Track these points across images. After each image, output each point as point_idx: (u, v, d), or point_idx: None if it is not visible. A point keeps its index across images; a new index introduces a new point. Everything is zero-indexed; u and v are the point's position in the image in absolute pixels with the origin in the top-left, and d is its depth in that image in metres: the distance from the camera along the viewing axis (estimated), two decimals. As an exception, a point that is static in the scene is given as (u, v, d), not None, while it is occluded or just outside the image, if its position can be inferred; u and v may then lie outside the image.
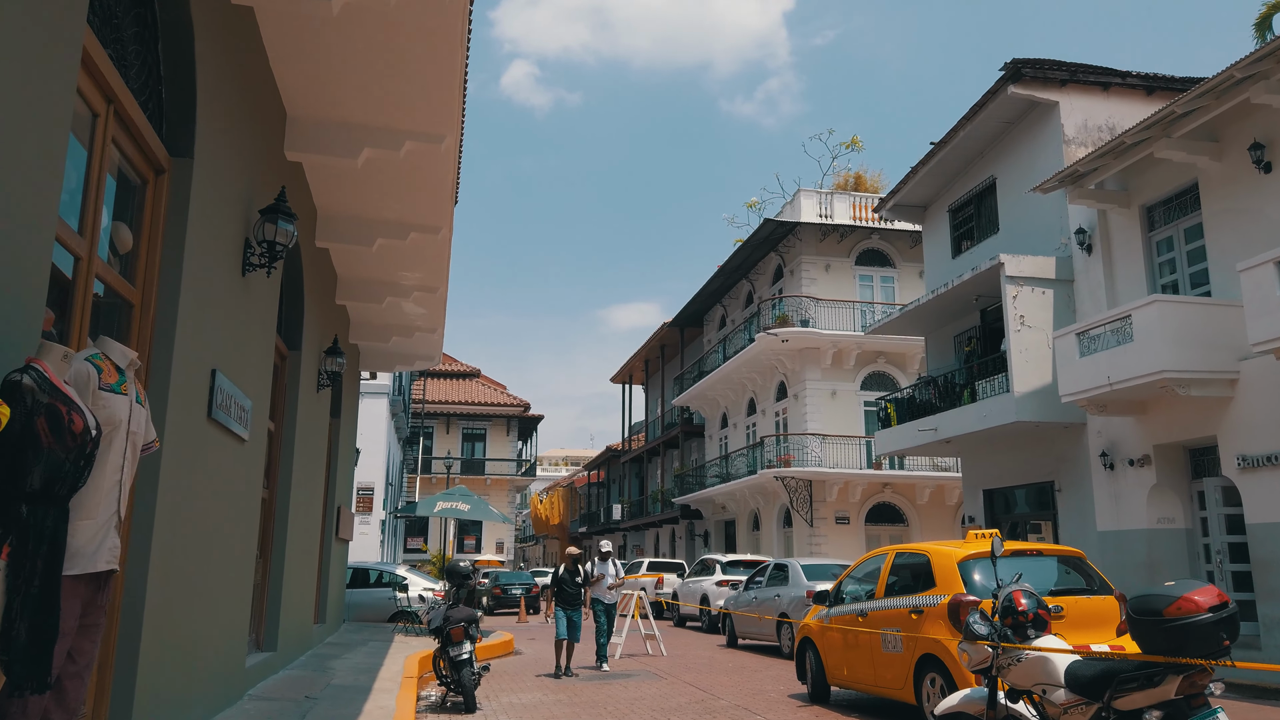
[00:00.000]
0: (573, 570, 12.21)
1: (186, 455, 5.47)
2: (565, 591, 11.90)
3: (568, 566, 12.23)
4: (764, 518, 29.94)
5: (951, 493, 26.89)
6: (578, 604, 11.88)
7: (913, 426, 18.36)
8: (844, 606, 8.55)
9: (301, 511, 10.18)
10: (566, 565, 12.25)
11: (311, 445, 10.72)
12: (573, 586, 12.02)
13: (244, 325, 6.75)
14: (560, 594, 11.83)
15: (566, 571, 12.17)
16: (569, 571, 12.19)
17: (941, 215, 20.26)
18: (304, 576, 10.84)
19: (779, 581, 15.88)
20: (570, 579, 12.08)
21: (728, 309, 35.17)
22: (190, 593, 5.79)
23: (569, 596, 11.88)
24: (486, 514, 16.77)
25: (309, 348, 10.05)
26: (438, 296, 12.84)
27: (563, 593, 11.85)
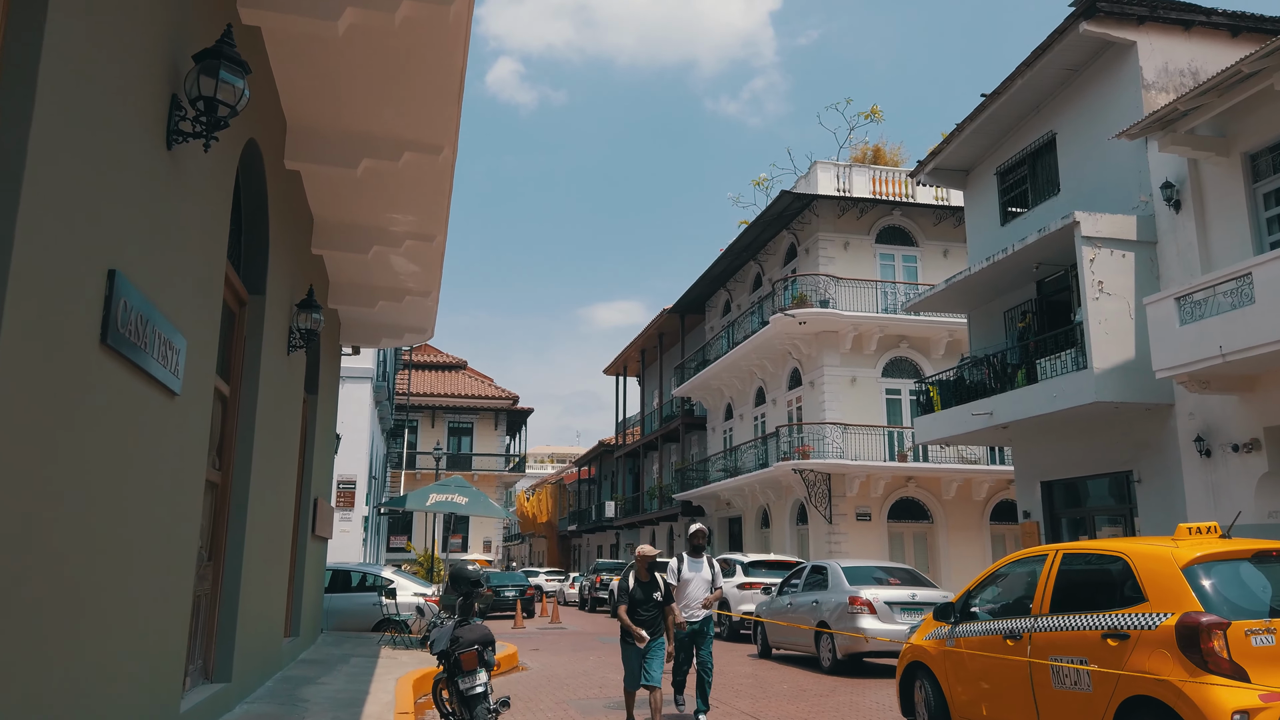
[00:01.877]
0: (648, 581, 8.16)
1: (60, 399, 3.40)
2: (640, 614, 8.07)
3: (640, 575, 8.18)
4: (775, 514, 27.97)
5: (980, 487, 25.04)
6: (658, 629, 8.08)
7: (963, 411, 16.41)
8: (978, 624, 6.55)
9: (267, 501, 8.09)
10: (639, 572, 8.20)
11: (280, 421, 8.63)
12: (650, 606, 8.07)
13: (171, 224, 4.67)
14: (632, 615, 8.07)
15: (639, 583, 8.13)
16: (643, 583, 8.14)
17: (988, 179, 18.33)
18: (271, 582, 8.75)
19: (817, 586, 13.92)
20: (646, 593, 8.10)
21: (733, 293, 33.18)
22: (80, 611, 3.73)
23: (646, 619, 8.04)
24: (487, 508, 14.70)
25: (276, 295, 7.96)
26: (434, 248, 10.76)
27: (635, 614, 8.07)
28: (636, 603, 8.06)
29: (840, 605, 12.62)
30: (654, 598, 8.08)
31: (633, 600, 8.07)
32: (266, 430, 7.86)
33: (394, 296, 12.47)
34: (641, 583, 8.12)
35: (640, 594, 8.09)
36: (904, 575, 13.71)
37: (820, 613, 13.18)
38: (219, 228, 5.68)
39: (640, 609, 8.04)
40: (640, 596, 8.08)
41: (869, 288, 25.51)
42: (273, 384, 8.09)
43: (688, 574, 9.17)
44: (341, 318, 13.87)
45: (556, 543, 67.55)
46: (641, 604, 8.06)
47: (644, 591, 8.10)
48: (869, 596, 12.43)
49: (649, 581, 8.13)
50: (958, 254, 26.74)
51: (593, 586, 32.41)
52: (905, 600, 12.61)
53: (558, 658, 14.57)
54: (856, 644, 12.22)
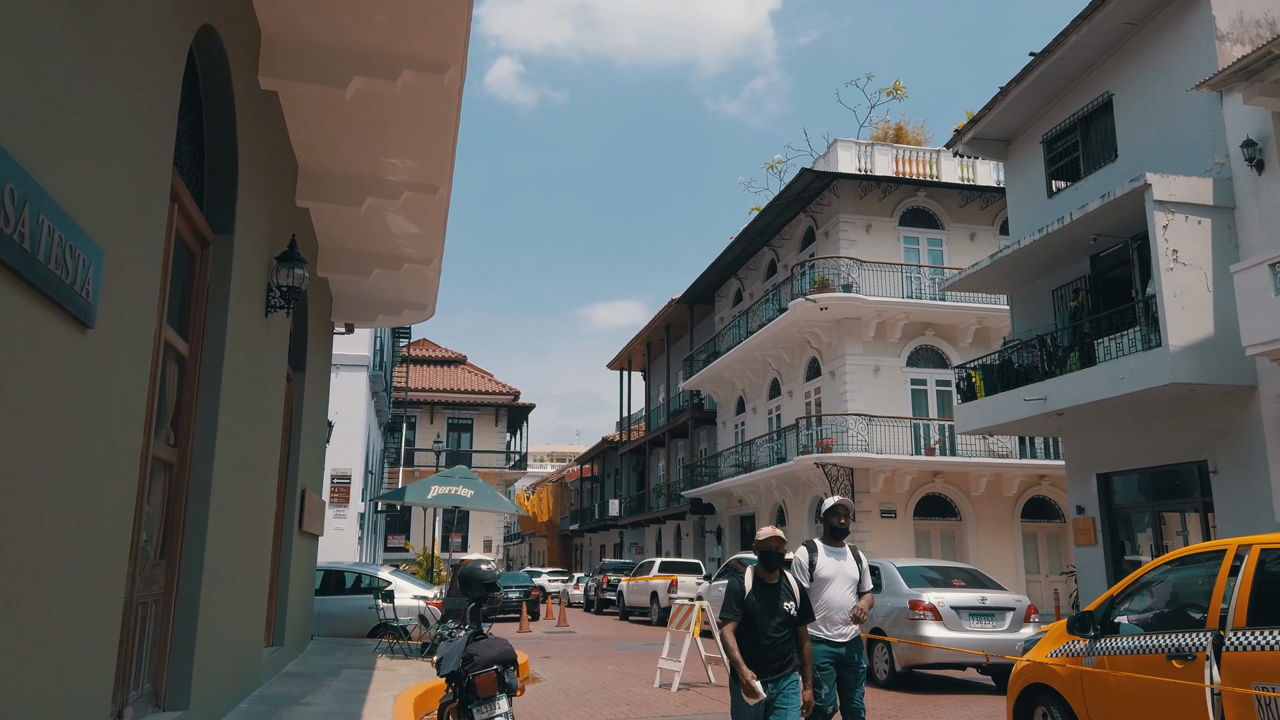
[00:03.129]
0: (775, 584, 5.07)
1: None
2: (761, 639, 4.94)
3: (764, 575, 5.06)
4: (792, 511, 26.63)
5: (1010, 482, 23.72)
6: (788, 659, 4.99)
7: (1011, 397, 15.07)
8: (1127, 639, 5.21)
9: (238, 489, 6.74)
10: (758, 569, 5.09)
11: (256, 394, 7.28)
12: (778, 625, 4.97)
13: (82, 91, 3.31)
14: (749, 642, 4.95)
15: (759, 587, 5.04)
16: (766, 587, 5.04)
17: (1032, 149, 16.99)
18: (245, 584, 7.39)
19: (875, 588, 12.55)
20: (770, 603, 5.01)
21: (745, 282, 31.84)
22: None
23: (772, 646, 4.94)
24: (495, 501, 13.33)
25: (249, 239, 6.60)
26: (437, 203, 9.41)
27: (753, 639, 4.94)
28: (755, 619, 4.91)
29: (898, 610, 11.28)
30: (783, 611, 4.97)
31: (748, 613, 4.92)
32: (237, 402, 6.51)
33: (391, 264, 11.11)
34: (764, 586, 5.00)
35: (761, 604, 4.93)
36: (967, 576, 12.37)
37: (874, 617, 11.85)
38: (161, 123, 4.33)
39: (761, 631, 4.89)
40: (760, 608, 4.92)
41: (893, 272, 24.16)
42: (245, 348, 6.73)
43: (826, 569, 5.97)
44: (334, 291, 12.52)
45: (558, 542, 66.22)
46: (764, 622, 4.90)
47: (767, 601, 4.95)
48: (933, 600, 11.10)
49: (776, 585, 5.02)
50: (985, 238, 25.43)
51: (599, 587, 31.08)
52: (974, 605, 11.29)
53: (572, 666, 13.23)
54: (918, 654, 10.89)
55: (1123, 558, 14.66)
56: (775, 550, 5.08)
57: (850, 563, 6.20)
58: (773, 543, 5.08)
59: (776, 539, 5.08)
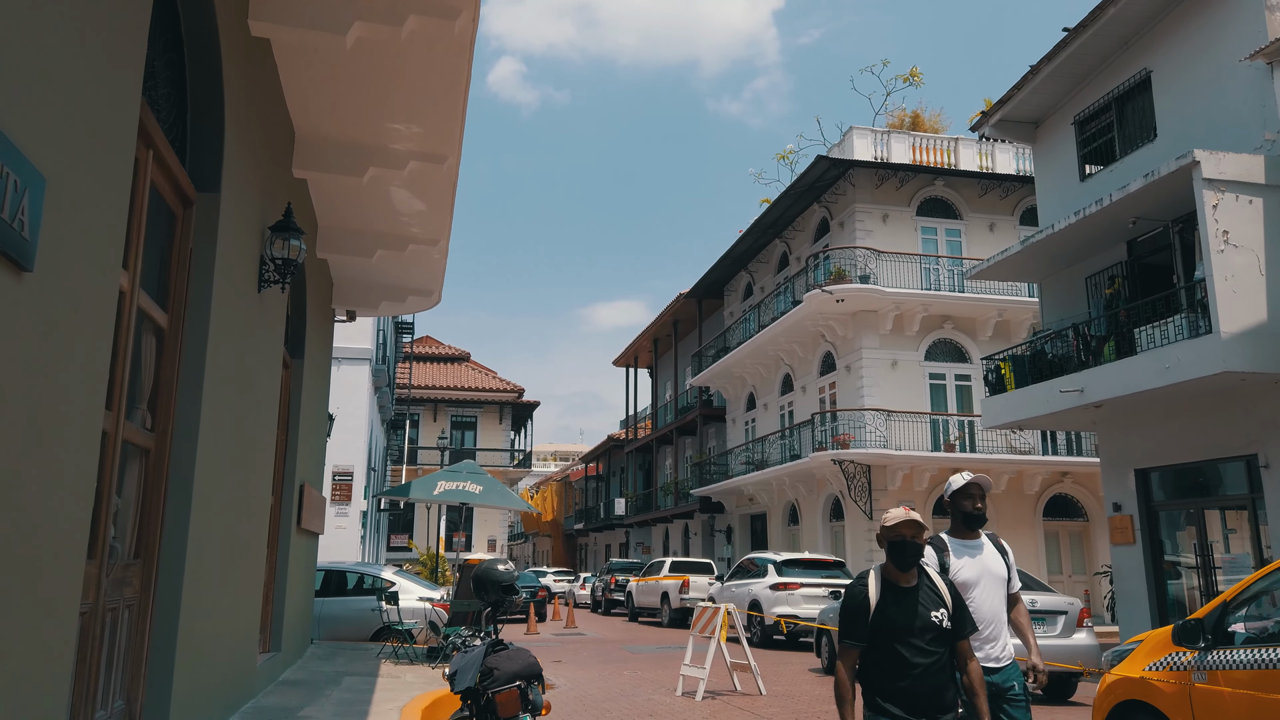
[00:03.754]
0: (914, 586, 3.67)
1: None
2: (908, 664, 3.56)
3: (895, 574, 3.68)
4: (805, 510, 25.95)
5: (1032, 479, 23.02)
6: (945, 694, 3.64)
7: (1045, 389, 14.37)
8: (1245, 651, 4.53)
9: (228, 481, 6.07)
10: (887, 569, 3.71)
11: (248, 377, 6.61)
12: (924, 646, 3.58)
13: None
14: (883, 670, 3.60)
15: (892, 591, 3.66)
16: (902, 591, 3.66)
17: (1063, 130, 16.29)
18: (237, 586, 6.72)
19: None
20: (910, 614, 3.60)
21: (755, 275, 31.15)
22: None
23: (922, 672, 3.57)
24: (505, 498, 12.61)
25: (238, 201, 5.93)
26: (444, 175, 8.74)
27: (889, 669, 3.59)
28: (890, 641, 3.56)
29: None
30: (931, 623, 3.59)
31: (879, 634, 3.57)
32: (225, 384, 5.84)
33: (396, 244, 10.43)
34: (898, 592, 3.63)
35: (897, 618, 3.57)
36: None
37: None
38: (127, 35, 3.64)
39: (902, 657, 3.54)
40: (896, 624, 3.56)
41: (911, 263, 23.46)
42: (235, 324, 6.06)
43: (965, 570, 4.32)
44: (335, 275, 11.86)
45: (562, 542, 65.64)
46: (904, 643, 3.54)
47: (905, 611, 3.58)
48: None
49: (914, 589, 3.65)
50: (1005, 228, 24.74)
51: (607, 588, 30.40)
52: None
53: (585, 672, 12.55)
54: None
55: (1162, 557, 13.96)
56: (911, 541, 3.61)
57: (993, 557, 4.45)
58: (907, 530, 3.61)
59: (912, 525, 3.62)
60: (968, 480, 4.55)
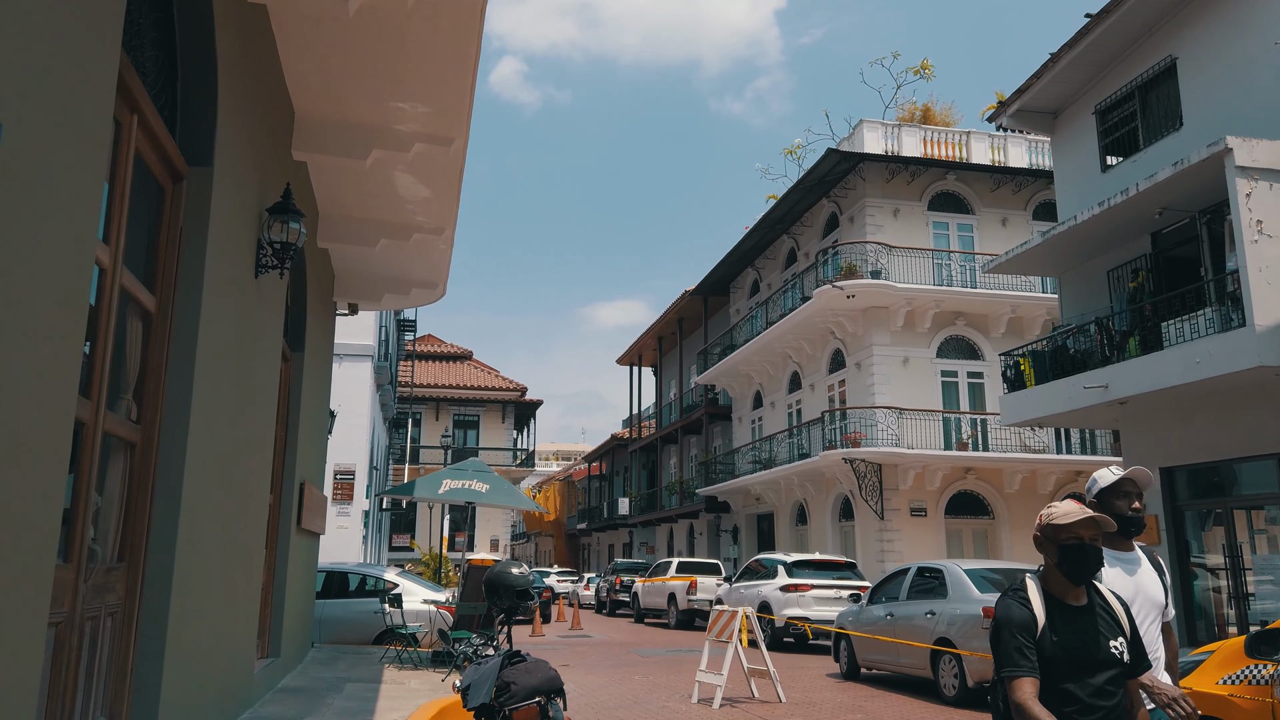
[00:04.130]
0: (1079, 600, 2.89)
1: None
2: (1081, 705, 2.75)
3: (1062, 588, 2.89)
4: (814, 510, 25.54)
5: (1046, 479, 22.60)
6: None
7: (1067, 385, 13.97)
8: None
9: (221, 479, 5.68)
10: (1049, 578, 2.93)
11: (243, 366, 6.22)
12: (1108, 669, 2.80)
13: None
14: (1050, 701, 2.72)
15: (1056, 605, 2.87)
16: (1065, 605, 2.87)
17: (1083, 120, 15.88)
18: (233, 589, 6.33)
19: (930, 593, 11.51)
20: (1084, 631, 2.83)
21: (762, 272, 30.75)
22: None
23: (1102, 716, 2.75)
24: (511, 497, 12.20)
25: (232, 177, 5.54)
26: (450, 159, 8.35)
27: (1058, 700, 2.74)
28: (1059, 674, 2.77)
29: (970, 619, 10.18)
30: (1109, 654, 2.82)
31: (1051, 663, 2.77)
32: (219, 374, 5.45)
33: (399, 233, 10.04)
34: (1067, 612, 2.87)
35: (1076, 645, 2.81)
36: (1024, 579, 11.26)
37: (939, 627, 10.77)
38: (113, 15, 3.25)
39: (1072, 697, 2.75)
40: (1076, 652, 2.79)
41: (923, 258, 23.05)
42: (230, 311, 5.67)
43: (1119, 583, 3.31)
44: (336, 266, 11.46)
45: (564, 542, 65.23)
46: (1074, 678, 2.77)
47: (1078, 637, 2.82)
48: None
49: (1088, 610, 2.89)
50: (1018, 223, 24.32)
51: (612, 588, 30.01)
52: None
53: (595, 676, 12.15)
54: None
55: (1188, 560, 13.55)
56: (1091, 545, 2.83)
57: (1150, 576, 3.45)
58: (1086, 530, 2.83)
59: (1092, 523, 2.83)
60: (1122, 475, 3.43)
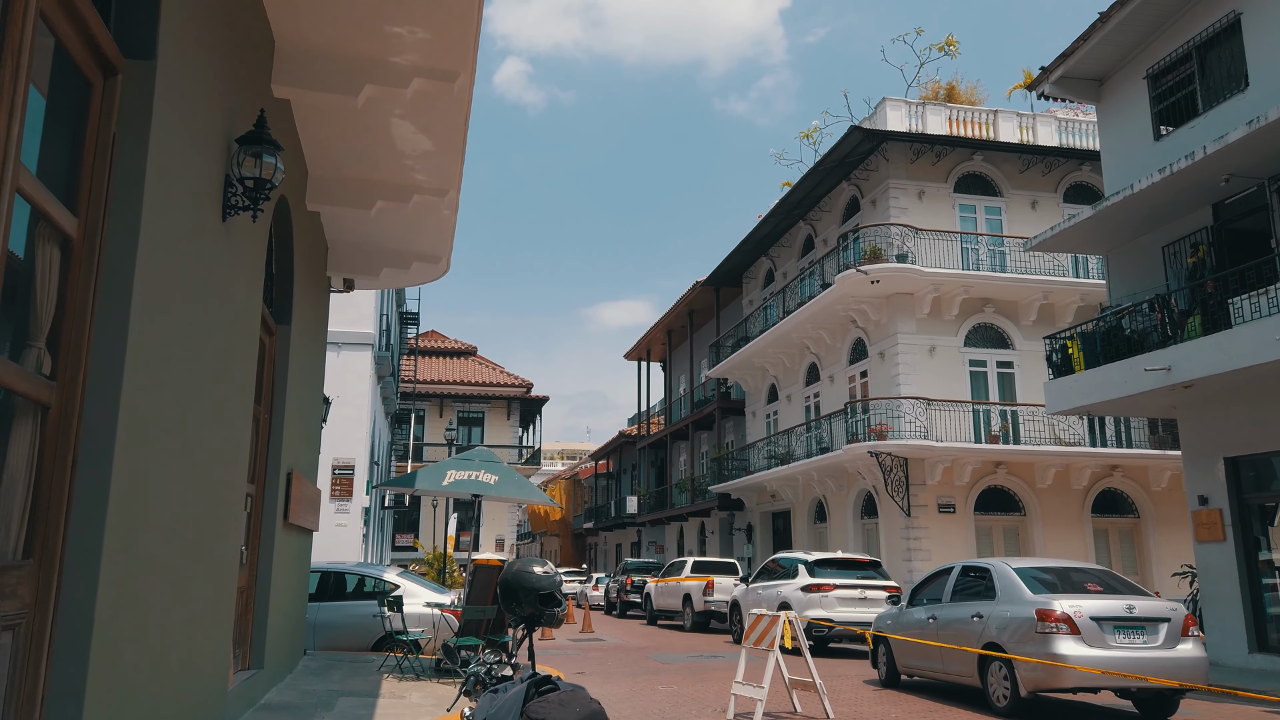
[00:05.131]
0: None
1: None
2: None
3: None
4: (834, 506, 24.48)
5: (1080, 473, 21.51)
6: None
7: (1124, 369, 12.89)
8: None
9: (176, 457, 4.64)
10: None
11: (208, 326, 5.18)
12: None
13: None
14: None
15: None
16: None
17: (1133, 86, 14.80)
18: (197, 594, 5.30)
19: (976, 594, 10.45)
20: None
21: (777, 261, 29.69)
22: None
23: None
24: (522, 489, 11.12)
25: (183, 80, 4.50)
26: (454, 101, 7.31)
27: None
28: None
29: (1023, 621, 9.15)
30: None
31: None
32: (167, 327, 4.41)
33: (398, 195, 9.00)
34: None
35: None
36: (1101, 578, 10.18)
37: (987, 631, 9.73)
38: None
39: None
40: None
41: (950, 241, 21.97)
42: (185, 251, 4.63)
43: None
44: (330, 236, 10.43)
45: (571, 541, 64.13)
46: None
47: None
48: (1068, 609, 8.95)
49: None
50: (1048, 205, 23.24)
51: (622, 589, 28.99)
52: (1119, 615, 9.13)
53: (614, 687, 11.10)
54: (1051, 677, 8.75)
55: (1257, 556, 12.48)
56: None
57: None
58: None
59: None
60: None
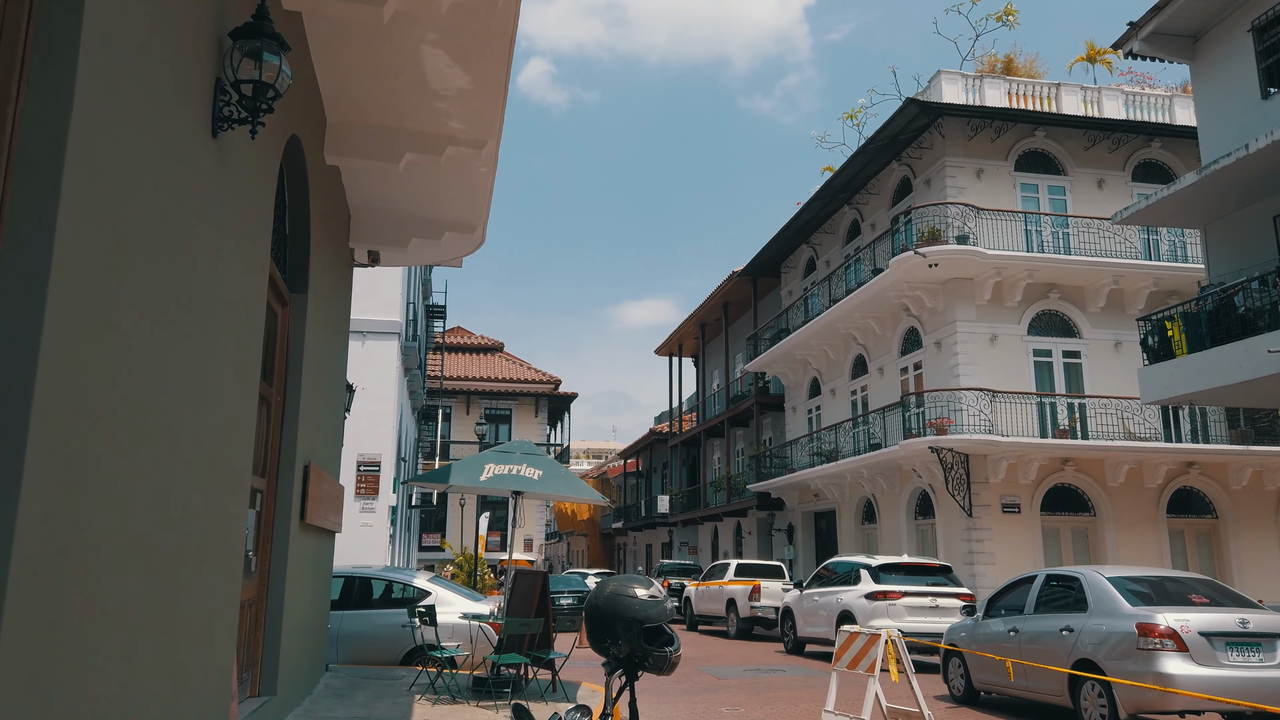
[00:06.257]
0: None
1: None
2: None
3: None
4: (884, 507, 23.10)
5: (1155, 470, 20.02)
6: None
7: (1237, 352, 11.49)
8: None
9: (139, 440, 3.44)
10: None
11: (190, 263, 4.00)
12: None
13: None
14: None
15: None
16: None
17: (1236, 41, 13.36)
18: (167, 615, 4.11)
19: (1065, 606, 9.17)
20: None
21: (819, 249, 28.34)
22: None
23: None
24: (571, 486, 9.80)
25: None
26: (497, 21, 6.10)
27: None
28: None
29: (1121, 637, 7.94)
30: None
31: None
32: (114, 257, 3.21)
33: (430, 145, 7.81)
34: None
35: None
36: (1205, 589, 8.90)
37: (1079, 646, 8.48)
38: None
39: None
40: None
41: (1013, 221, 20.54)
42: (151, 164, 3.43)
43: None
44: (353, 201, 9.27)
45: (599, 542, 63.02)
46: None
47: None
48: (1173, 623, 7.72)
49: None
50: (1115, 184, 21.75)
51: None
52: (1232, 630, 7.86)
53: (672, 708, 9.86)
54: (1158, 699, 7.51)
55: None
56: None
57: None
58: None
59: None
60: None
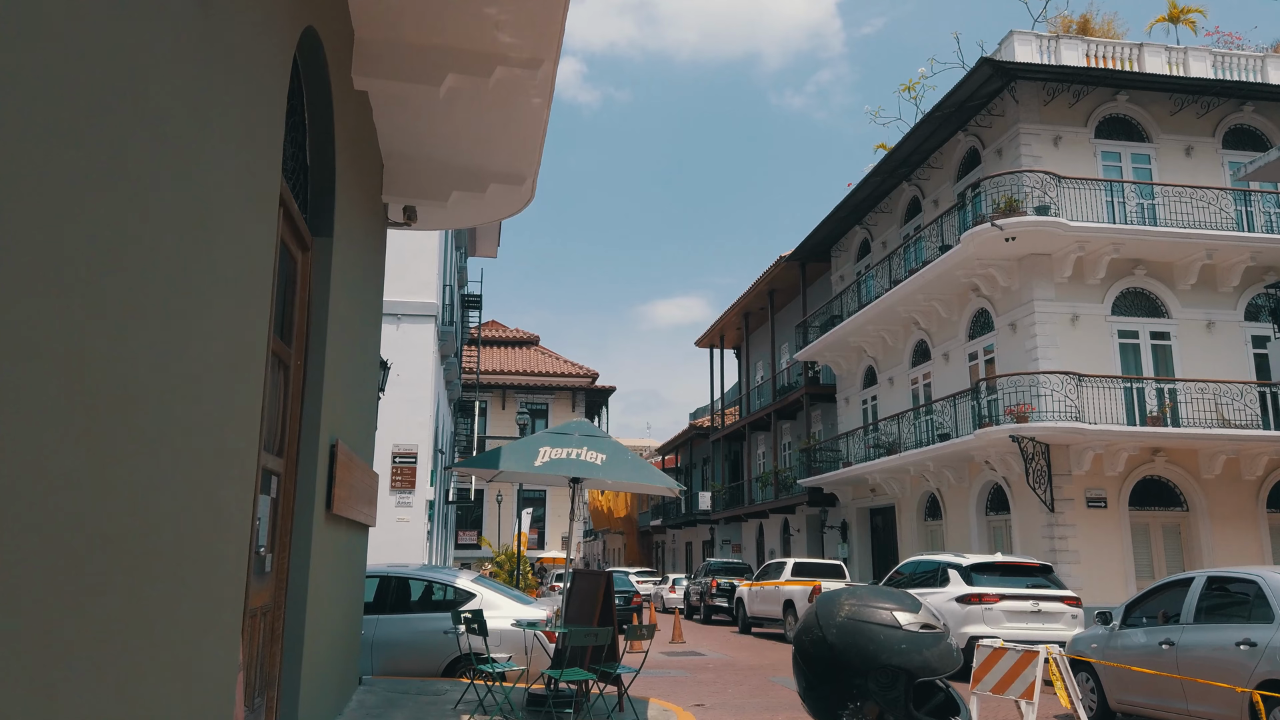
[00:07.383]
0: None
1: None
2: None
3: None
4: (951, 501, 21.59)
5: (1254, 461, 18.35)
6: None
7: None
8: None
9: (68, 391, 2.18)
10: None
11: (147, 158, 2.71)
12: None
13: None
14: None
15: None
16: None
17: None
18: (163, 633, 2.85)
19: (1237, 615, 7.73)
20: None
21: (874, 230, 26.83)
22: None
23: None
24: (639, 471, 8.43)
25: None
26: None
27: None
28: None
29: None
30: None
31: None
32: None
33: (476, 65, 6.53)
34: None
35: None
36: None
37: (1262, 665, 7.01)
38: None
39: None
40: None
41: (1095, 190, 18.95)
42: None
43: None
44: (385, 143, 8.03)
45: (636, 539, 61.79)
46: None
47: None
48: None
49: None
50: (1204, 151, 20.07)
51: (706, 592, 26.41)
52: None
53: (741, 715, 8.53)
54: None
55: None
56: None
57: None
58: None
59: None
60: None
